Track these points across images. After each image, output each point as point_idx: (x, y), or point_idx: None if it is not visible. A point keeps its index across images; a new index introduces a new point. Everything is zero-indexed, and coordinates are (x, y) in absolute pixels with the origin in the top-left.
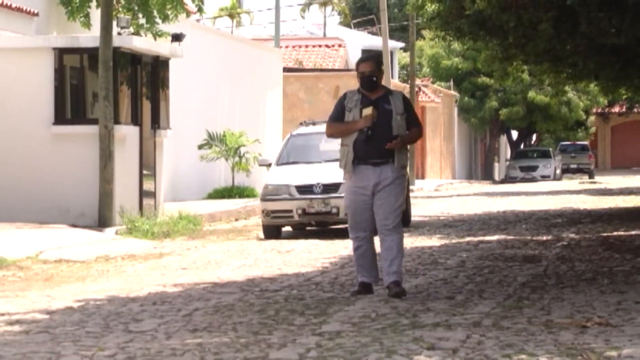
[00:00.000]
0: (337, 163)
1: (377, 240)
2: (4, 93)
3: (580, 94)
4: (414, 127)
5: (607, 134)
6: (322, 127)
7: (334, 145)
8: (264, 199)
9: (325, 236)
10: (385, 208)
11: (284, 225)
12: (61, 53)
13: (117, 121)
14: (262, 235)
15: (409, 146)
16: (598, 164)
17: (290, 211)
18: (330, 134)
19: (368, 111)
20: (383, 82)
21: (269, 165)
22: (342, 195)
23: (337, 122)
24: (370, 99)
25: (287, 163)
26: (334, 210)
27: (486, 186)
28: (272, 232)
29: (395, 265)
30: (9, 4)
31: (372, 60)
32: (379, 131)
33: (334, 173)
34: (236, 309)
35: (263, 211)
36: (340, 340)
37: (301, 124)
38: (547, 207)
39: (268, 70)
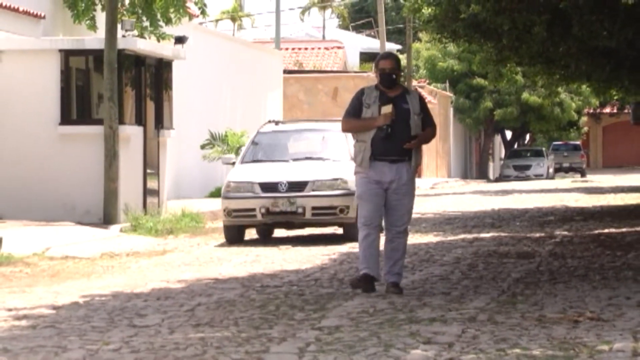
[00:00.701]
0: (305, 162)
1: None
2: (12, 94)
3: (572, 95)
4: (429, 126)
5: (598, 134)
6: (291, 126)
7: (302, 144)
8: (225, 197)
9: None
10: (400, 210)
11: (247, 226)
12: (67, 55)
13: (121, 121)
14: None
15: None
16: (590, 163)
17: (253, 210)
18: (347, 129)
19: (388, 109)
20: None
21: (233, 163)
22: (309, 194)
23: (355, 117)
24: (389, 96)
25: (252, 161)
26: (300, 210)
27: (481, 185)
28: (234, 233)
29: (398, 266)
30: (16, 7)
31: (393, 57)
32: (397, 129)
33: (300, 171)
34: (237, 304)
35: (224, 210)
36: (339, 334)
37: (270, 121)
38: (540, 205)
39: (269, 72)
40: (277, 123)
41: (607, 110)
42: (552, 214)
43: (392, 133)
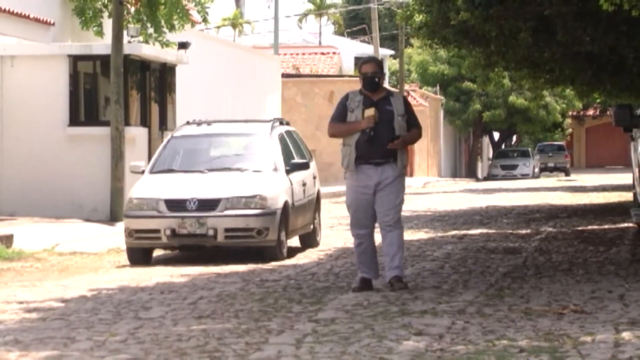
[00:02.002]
0: (221, 174)
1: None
2: (23, 97)
3: (557, 98)
4: (415, 127)
5: (582, 135)
6: (211, 129)
7: (221, 151)
8: (126, 215)
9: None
10: (386, 205)
11: (152, 248)
12: (75, 60)
13: (127, 123)
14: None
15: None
16: (573, 163)
17: (157, 231)
18: (332, 134)
19: (370, 112)
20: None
21: (142, 172)
22: (221, 214)
23: (340, 122)
24: (372, 99)
25: (163, 171)
26: (211, 232)
27: (470, 183)
28: (137, 256)
29: (397, 260)
30: (27, 14)
31: (374, 61)
32: (381, 132)
33: (213, 186)
34: (238, 297)
35: (125, 230)
36: (335, 326)
37: (188, 122)
38: (526, 203)
39: (267, 76)
40: (199, 124)
41: (590, 112)
42: (538, 212)
43: (375, 135)
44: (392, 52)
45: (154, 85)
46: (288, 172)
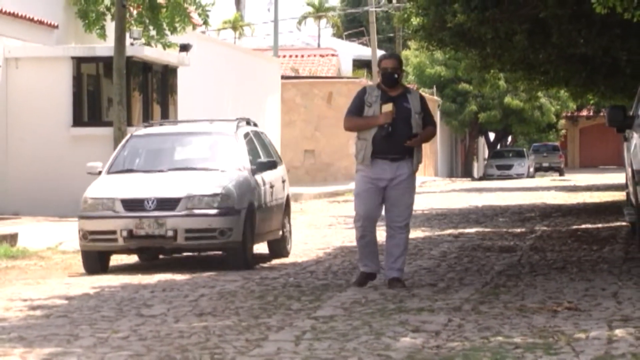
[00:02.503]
0: (183, 173)
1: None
2: (28, 98)
3: (551, 99)
4: (430, 125)
5: (576, 136)
6: (174, 128)
7: (185, 150)
8: (80, 217)
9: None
10: (400, 205)
11: (109, 252)
12: (79, 62)
13: (129, 123)
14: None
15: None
16: (568, 163)
17: (113, 233)
18: (349, 127)
19: (388, 107)
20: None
21: (99, 173)
22: (182, 213)
23: (356, 115)
24: (390, 95)
25: (121, 171)
26: (170, 234)
27: (466, 183)
28: (93, 261)
29: (400, 262)
30: (31, 17)
31: (395, 57)
32: (398, 128)
33: (174, 185)
34: (238, 295)
35: (79, 232)
36: (333, 323)
37: (145, 125)
38: (521, 202)
39: (267, 78)
40: (161, 124)
41: (584, 113)
42: (533, 211)
43: (392, 131)
44: None
45: (155, 86)
46: (254, 171)
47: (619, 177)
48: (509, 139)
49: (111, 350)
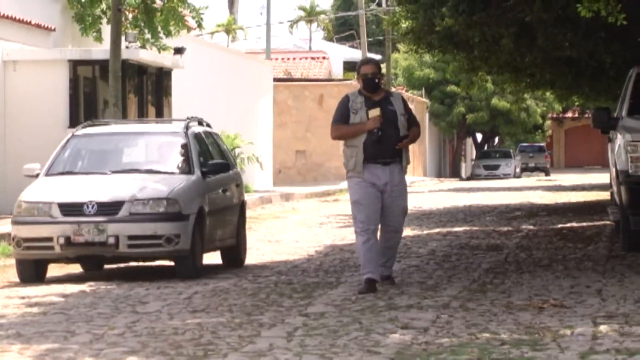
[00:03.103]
0: (128, 176)
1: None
2: (25, 100)
3: (537, 101)
4: (414, 126)
5: (561, 137)
6: (119, 128)
7: (130, 152)
8: (14, 222)
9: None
10: (396, 209)
11: (46, 260)
12: (75, 64)
13: None
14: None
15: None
16: (553, 163)
17: (50, 240)
18: (337, 136)
19: (375, 112)
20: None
21: (37, 175)
22: (124, 218)
23: (343, 124)
24: (374, 100)
25: (61, 173)
26: (112, 241)
27: (454, 183)
28: (29, 270)
29: (391, 261)
30: (29, 20)
31: (373, 62)
32: (387, 132)
33: (117, 188)
34: (231, 292)
35: (13, 239)
36: (324, 320)
37: (85, 125)
38: (508, 202)
39: (260, 80)
40: (106, 123)
41: (569, 115)
42: (519, 210)
43: (382, 136)
44: (379, 56)
45: (150, 88)
46: (205, 174)
47: (603, 177)
48: (496, 139)
49: (107, 347)
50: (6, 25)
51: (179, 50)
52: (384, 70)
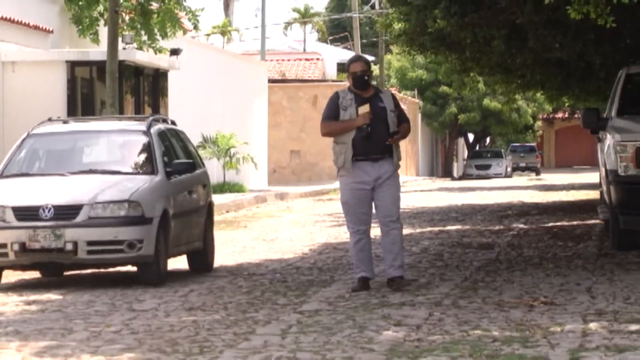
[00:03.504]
0: (87, 177)
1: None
2: (24, 100)
3: (528, 101)
4: (404, 122)
5: (551, 137)
6: (79, 126)
7: (91, 151)
8: None
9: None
10: (388, 199)
11: (3, 267)
12: (73, 65)
13: None
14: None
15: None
16: (544, 163)
17: (3, 246)
18: (327, 133)
19: (365, 109)
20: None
21: None
22: (83, 222)
23: (333, 120)
24: (364, 97)
25: (16, 175)
26: (70, 247)
27: (446, 182)
28: None
29: (399, 259)
30: (27, 22)
31: (362, 60)
32: (376, 128)
33: (75, 190)
34: (226, 290)
35: None
36: (318, 317)
37: (50, 119)
38: (499, 201)
39: (255, 81)
40: (65, 121)
41: (560, 115)
42: (510, 209)
43: (372, 132)
44: (372, 58)
45: (147, 89)
46: (169, 175)
47: (593, 177)
48: (488, 139)
49: (104, 344)
50: (5, 27)
51: (175, 52)
52: (377, 72)
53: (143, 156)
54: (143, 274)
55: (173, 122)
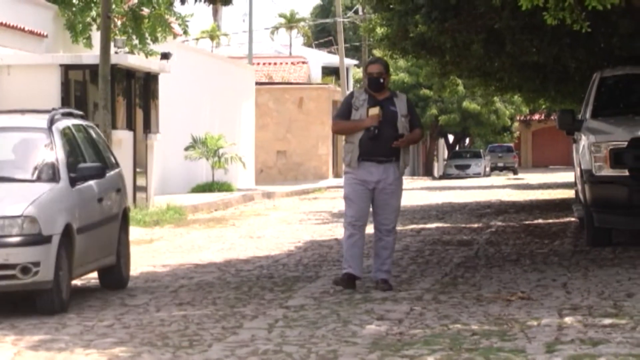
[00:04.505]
0: (14, 184)
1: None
2: (19, 102)
3: (506, 103)
4: (417, 128)
5: (528, 138)
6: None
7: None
8: None
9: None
10: (388, 209)
11: None
12: (67, 69)
13: (114, 127)
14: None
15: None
16: (521, 163)
17: None
18: (337, 131)
19: (375, 111)
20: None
21: None
22: (24, 238)
23: (344, 119)
24: (377, 99)
25: None
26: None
27: (427, 182)
28: None
29: (387, 264)
30: (22, 27)
31: (381, 62)
32: (384, 131)
33: (11, 198)
34: (215, 286)
35: None
36: (304, 312)
37: None
38: (478, 200)
39: (242, 84)
40: None
41: (536, 117)
42: (489, 207)
43: (379, 134)
44: (356, 62)
45: (138, 92)
46: (74, 181)
47: (568, 176)
48: (467, 140)
49: (97, 338)
50: (1, 32)
51: (165, 56)
52: (360, 75)
53: (42, 159)
54: (40, 302)
55: (81, 116)
